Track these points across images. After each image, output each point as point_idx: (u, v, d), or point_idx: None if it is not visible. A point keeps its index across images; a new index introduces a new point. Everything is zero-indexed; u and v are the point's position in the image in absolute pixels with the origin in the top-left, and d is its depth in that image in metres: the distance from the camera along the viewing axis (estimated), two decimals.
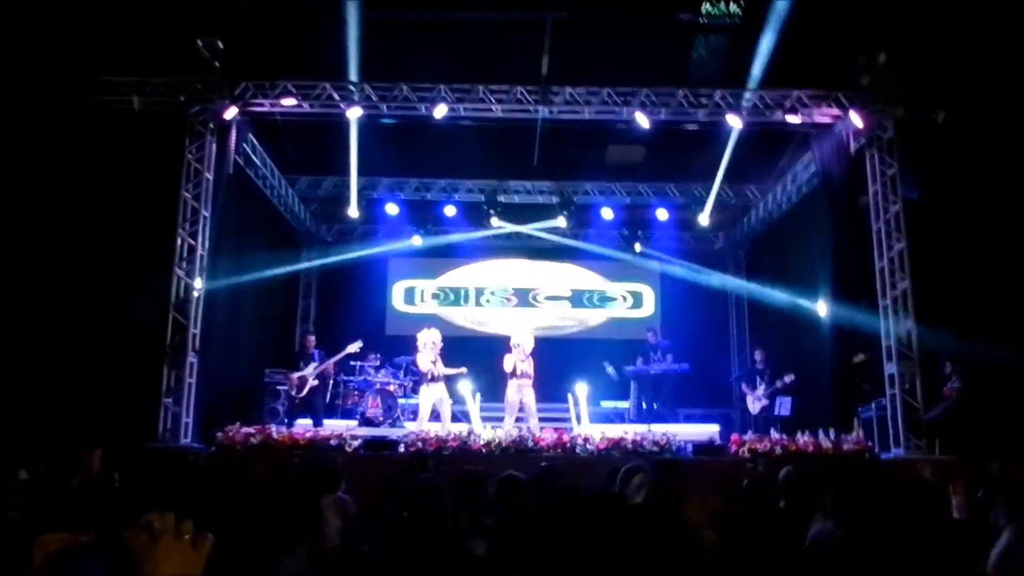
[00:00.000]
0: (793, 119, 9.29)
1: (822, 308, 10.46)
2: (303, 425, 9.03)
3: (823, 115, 9.27)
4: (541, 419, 8.94)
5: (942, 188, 9.00)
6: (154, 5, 8.27)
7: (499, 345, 9.53)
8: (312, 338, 9.79)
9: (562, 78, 9.29)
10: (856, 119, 8.94)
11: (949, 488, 4.07)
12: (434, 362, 8.63)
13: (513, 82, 9.30)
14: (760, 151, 10.93)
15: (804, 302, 10.95)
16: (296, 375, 9.36)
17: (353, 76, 9.20)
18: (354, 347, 9.68)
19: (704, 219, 11.84)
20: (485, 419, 9.59)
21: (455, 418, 8.93)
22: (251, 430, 7.86)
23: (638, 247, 13.03)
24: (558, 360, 11.72)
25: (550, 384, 10.40)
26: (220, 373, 9.26)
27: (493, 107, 9.41)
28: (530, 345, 8.79)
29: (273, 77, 9.14)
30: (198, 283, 8.73)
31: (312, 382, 9.37)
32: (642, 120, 9.36)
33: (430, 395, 8.57)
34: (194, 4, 8.46)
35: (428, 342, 8.67)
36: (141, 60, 8.67)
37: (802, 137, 10.15)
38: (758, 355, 10.93)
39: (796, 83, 9.19)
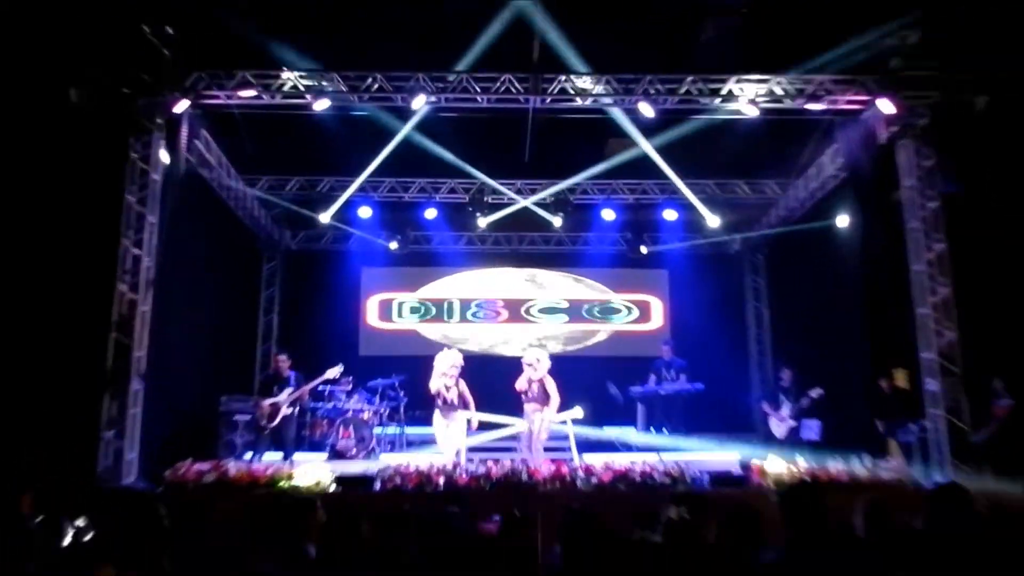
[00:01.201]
0: (816, 107, 9.30)
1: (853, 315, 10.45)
2: (270, 460, 8.89)
3: (849, 102, 9.28)
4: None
5: (986, 181, 9.01)
6: None
7: (489, 365, 9.45)
8: (285, 358, 9.66)
9: (556, 65, 9.27)
10: (886, 106, 8.95)
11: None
12: (448, 388, 8.59)
13: (501, 69, 9.28)
14: (780, 143, 10.94)
15: (832, 310, 10.93)
16: (268, 402, 9.24)
17: (320, 64, 9.17)
18: (334, 372, 9.59)
19: (713, 221, 11.84)
20: (476, 449, 9.49)
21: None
22: (205, 467, 7.72)
23: (643, 250, 12.99)
24: (555, 381, 11.65)
25: None
26: (169, 402, 9.13)
27: (478, 97, 9.37)
28: (545, 365, 8.73)
29: (229, 66, 9.09)
30: (144, 299, 8.62)
31: (286, 410, 9.26)
32: (646, 110, 9.34)
33: (443, 422, 8.55)
34: None
35: (449, 365, 8.62)
36: (79, 47, 8.58)
37: (827, 126, 10.16)
38: (785, 375, 10.87)
39: (819, 67, 9.20)
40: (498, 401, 9.82)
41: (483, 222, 12.36)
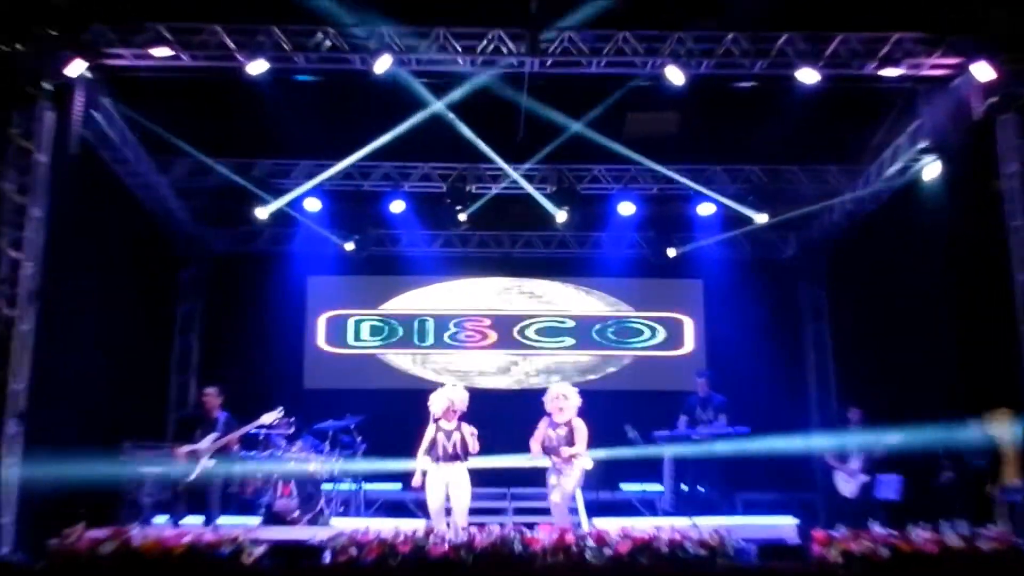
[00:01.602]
0: (892, 72, 9.36)
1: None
2: (189, 525, 8.86)
3: (935, 66, 9.35)
4: (530, 510, 8.90)
5: None
6: None
7: (473, 402, 9.35)
8: (216, 393, 9.62)
9: (559, 17, 9.32)
10: (983, 71, 9.01)
11: None
12: (450, 432, 8.57)
13: (488, 23, 9.33)
14: (845, 118, 11.00)
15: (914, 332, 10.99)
16: (185, 449, 9.22)
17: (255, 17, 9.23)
18: (271, 416, 9.56)
19: (760, 219, 11.89)
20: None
21: (406, 511, 8.88)
22: (102, 534, 7.70)
23: (671, 253, 12.99)
24: None
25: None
26: (56, 449, 9.07)
27: (459, 59, 9.42)
28: (575, 403, 8.72)
29: (138, 17, 9.12)
30: (24, 315, 8.59)
31: (206, 461, 9.23)
32: (675, 76, 9.39)
33: (440, 479, 8.51)
34: None
35: (443, 408, 8.59)
36: None
37: (906, 98, 10.23)
38: (853, 415, 10.91)
39: (896, 23, 9.27)
40: (485, 448, 9.81)
41: (464, 217, 12.35)
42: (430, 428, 8.67)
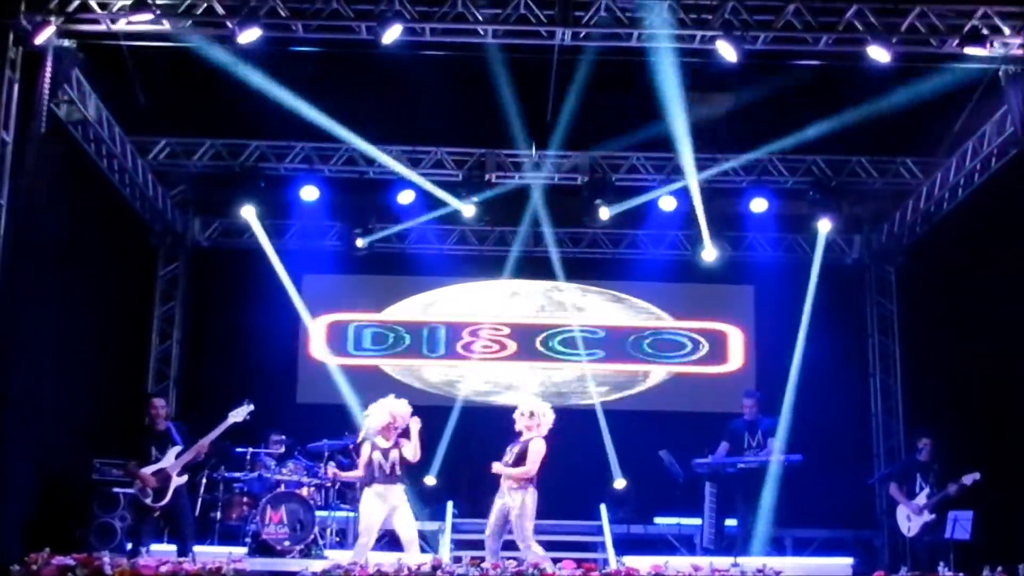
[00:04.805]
0: (976, 51, 9.32)
1: None
2: (161, 553, 8.91)
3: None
4: (556, 544, 8.86)
5: None
6: None
7: (487, 421, 9.45)
8: (161, 403, 9.68)
9: None
10: None
11: None
12: (387, 451, 8.57)
13: None
14: (922, 104, 10.95)
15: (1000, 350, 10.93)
16: (151, 470, 9.26)
17: None
18: (239, 414, 9.56)
19: (823, 226, 11.81)
20: (464, 543, 9.47)
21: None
22: (69, 560, 7.78)
23: (711, 256, 12.92)
24: (583, 446, 11.65)
25: (568, 487, 10.26)
26: (17, 466, 9.16)
27: (480, 29, 9.43)
28: (546, 418, 8.72)
29: None
30: None
31: (178, 479, 9.27)
32: (727, 52, 9.39)
33: (378, 504, 8.50)
34: None
35: (386, 417, 8.63)
36: None
37: (991, 80, 10.19)
38: (923, 445, 10.83)
39: None
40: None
41: (470, 211, 12.35)
42: (365, 447, 8.66)
